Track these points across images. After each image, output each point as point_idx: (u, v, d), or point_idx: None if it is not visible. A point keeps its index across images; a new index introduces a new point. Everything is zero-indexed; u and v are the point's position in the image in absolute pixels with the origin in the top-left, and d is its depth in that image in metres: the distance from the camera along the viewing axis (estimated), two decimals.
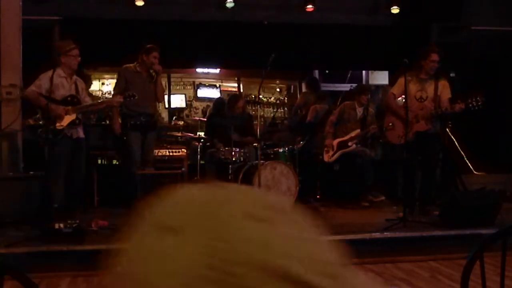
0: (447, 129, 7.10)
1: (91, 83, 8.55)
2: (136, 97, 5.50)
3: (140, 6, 7.37)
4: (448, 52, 7.21)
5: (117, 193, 6.13)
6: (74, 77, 5.39)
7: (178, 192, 0.55)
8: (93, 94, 8.41)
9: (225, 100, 7.45)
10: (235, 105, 6.96)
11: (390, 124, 5.78)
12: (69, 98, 5.20)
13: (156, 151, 6.47)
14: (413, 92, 5.54)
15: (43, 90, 5.15)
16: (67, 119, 5.15)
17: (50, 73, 5.20)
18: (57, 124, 5.11)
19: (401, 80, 5.89)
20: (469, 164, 7.70)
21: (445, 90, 5.62)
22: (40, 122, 5.12)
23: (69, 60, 5.24)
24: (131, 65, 6.05)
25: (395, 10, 7.85)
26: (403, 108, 5.71)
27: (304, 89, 9.14)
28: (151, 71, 6.00)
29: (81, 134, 5.40)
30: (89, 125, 7.26)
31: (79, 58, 5.31)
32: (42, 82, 5.18)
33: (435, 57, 5.55)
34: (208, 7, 7.74)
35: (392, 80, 6.88)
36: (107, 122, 8.11)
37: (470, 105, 5.24)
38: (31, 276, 1.43)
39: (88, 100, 5.52)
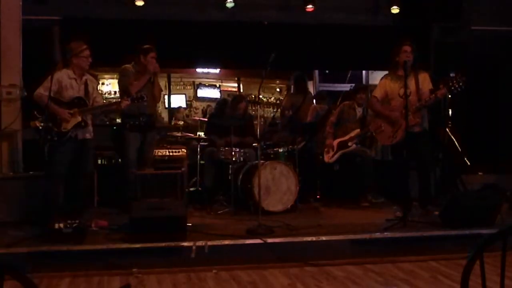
0: (447, 129, 7.09)
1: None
2: (145, 99, 5.42)
3: (140, 6, 7.36)
4: (448, 52, 7.22)
5: (116, 193, 6.13)
6: (85, 77, 5.32)
7: None
8: None
9: (228, 101, 7.44)
10: (237, 106, 6.94)
11: (381, 126, 5.77)
12: (75, 100, 5.15)
13: (156, 151, 6.46)
14: (397, 90, 5.54)
15: (51, 92, 5.08)
16: (72, 121, 5.10)
17: (59, 74, 5.16)
18: (62, 127, 5.08)
19: (381, 82, 5.89)
20: (469, 164, 7.70)
21: (425, 82, 5.61)
22: (44, 124, 5.06)
23: (80, 61, 5.21)
24: (129, 65, 6.03)
25: (395, 10, 7.85)
26: (388, 109, 5.72)
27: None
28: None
29: (87, 135, 5.31)
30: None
31: (90, 59, 5.28)
32: (51, 83, 5.10)
33: (406, 48, 5.56)
34: (208, 7, 7.74)
35: None
36: (107, 122, 8.12)
37: (453, 87, 5.21)
38: (31, 276, 1.43)
39: (99, 100, 5.46)
